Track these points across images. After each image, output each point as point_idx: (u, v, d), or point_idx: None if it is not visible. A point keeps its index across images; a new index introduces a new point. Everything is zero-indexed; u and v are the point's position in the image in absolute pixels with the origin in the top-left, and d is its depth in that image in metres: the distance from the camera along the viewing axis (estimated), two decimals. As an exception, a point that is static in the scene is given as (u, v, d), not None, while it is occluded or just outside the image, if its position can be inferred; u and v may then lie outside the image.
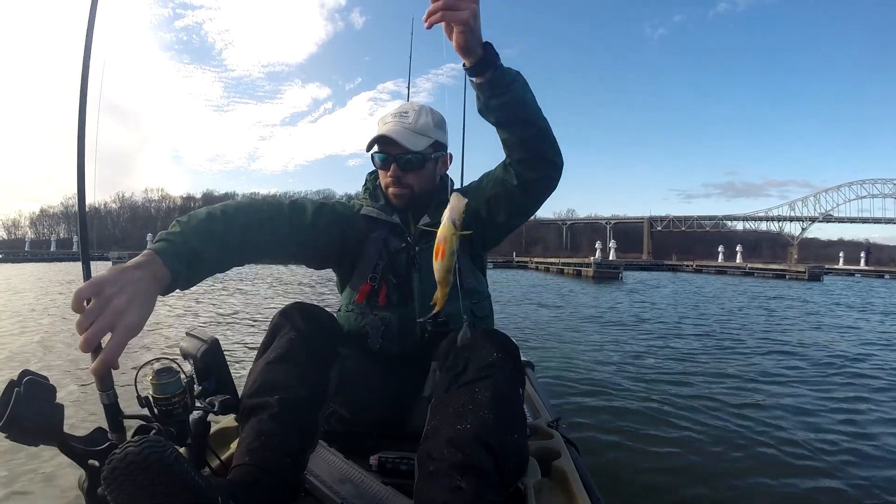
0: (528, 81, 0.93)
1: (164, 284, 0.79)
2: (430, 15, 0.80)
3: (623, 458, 2.28)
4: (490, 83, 0.89)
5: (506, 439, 0.80)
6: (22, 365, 3.66)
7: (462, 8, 0.79)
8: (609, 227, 66.52)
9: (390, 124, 1.11)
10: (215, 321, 6.34)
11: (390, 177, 1.12)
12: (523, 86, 0.92)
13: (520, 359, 0.96)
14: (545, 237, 68.44)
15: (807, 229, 63.29)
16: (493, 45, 0.86)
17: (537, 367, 2.63)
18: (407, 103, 1.16)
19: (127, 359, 2.67)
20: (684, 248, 57.64)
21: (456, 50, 0.84)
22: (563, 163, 1.03)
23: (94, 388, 0.78)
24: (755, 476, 2.14)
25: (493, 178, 1.11)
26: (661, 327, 6.65)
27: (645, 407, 3.05)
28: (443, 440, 0.79)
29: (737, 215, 66.94)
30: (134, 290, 0.71)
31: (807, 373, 4.08)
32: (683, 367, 4.19)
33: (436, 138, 1.14)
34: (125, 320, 0.68)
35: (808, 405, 3.18)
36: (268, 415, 0.82)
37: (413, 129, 1.10)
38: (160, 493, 0.60)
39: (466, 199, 0.84)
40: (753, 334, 6.15)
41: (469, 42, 0.83)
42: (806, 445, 2.46)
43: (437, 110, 1.17)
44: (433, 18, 0.79)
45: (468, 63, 0.87)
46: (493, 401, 0.82)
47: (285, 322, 0.97)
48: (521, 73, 0.92)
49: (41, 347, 4.36)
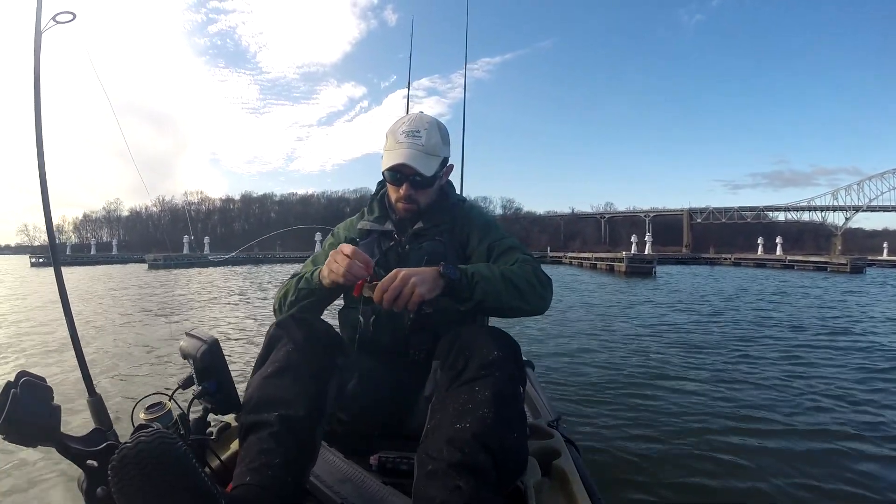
0: (495, 281, 1.00)
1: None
2: (385, 304, 0.91)
3: (623, 458, 2.28)
4: (453, 297, 0.98)
5: (505, 439, 0.80)
6: (22, 365, 3.65)
7: (407, 299, 0.90)
8: (648, 220, 64.58)
9: (404, 145, 1.13)
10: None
11: (402, 194, 1.17)
12: (483, 292, 0.98)
13: (521, 357, 0.95)
14: (583, 231, 67.36)
15: (850, 219, 59.34)
16: (450, 271, 0.96)
17: (537, 367, 2.63)
18: (417, 118, 1.17)
19: (120, 389, 2.63)
20: (725, 241, 55.32)
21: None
22: (547, 306, 1.09)
23: (93, 389, 0.79)
24: (755, 476, 2.14)
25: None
26: (667, 327, 6.65)
27: (645, 407, 3.05)
28: (442, 439, 0.79)
29: (779, 206, 63.70)
30: None
31: (810, 371, 4.08)
32: (684, 368, 4.19)
33: (443, 156, 1.19)
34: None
35: (809, 403, 3.18)
36: (267, 433, 0.82)
37: (425, 150, 1.13)
38: (168, 486, 0.60)
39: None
40: (763, 332, 6.15)
41: (434, 302, 0.95)
42: (813, 439, 2.46)
43: (445, 125, 1.21)
44: (392, 307, 0.92)
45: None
46: (493, 399, 0.82)
47: (282, 334, 0.97)
48: (483, 279, 0.99)
49: (42, 346, 4.36)
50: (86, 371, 1.20)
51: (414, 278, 0.91)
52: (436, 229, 1.19)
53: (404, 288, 0.90)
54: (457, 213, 1.23)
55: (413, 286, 0.90)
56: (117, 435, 0.92)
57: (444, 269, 0.95)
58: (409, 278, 0.91)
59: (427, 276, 0.93)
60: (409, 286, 0.90)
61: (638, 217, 67.07)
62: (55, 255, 0.98)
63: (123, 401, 2.76)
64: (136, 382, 3.27)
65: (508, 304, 1.02)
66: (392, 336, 1.16)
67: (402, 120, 1.18)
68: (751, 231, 53.06)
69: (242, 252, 32.17)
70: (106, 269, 22.96)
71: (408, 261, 1.15)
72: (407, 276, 0.91)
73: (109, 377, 3.38)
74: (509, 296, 1.01)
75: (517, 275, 1.04)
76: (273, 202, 74.16)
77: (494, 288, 0.99)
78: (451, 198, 1.26)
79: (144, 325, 5.72)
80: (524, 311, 1.05)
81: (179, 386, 0.96)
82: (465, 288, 0.97)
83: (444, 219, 1.21)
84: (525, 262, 1.10)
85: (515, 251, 1.15)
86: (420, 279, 0.91)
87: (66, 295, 1.22)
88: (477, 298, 0.98)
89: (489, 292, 0.99)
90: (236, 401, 0.94)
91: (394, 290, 0.90)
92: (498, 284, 1.00)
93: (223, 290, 11.29)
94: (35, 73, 1.02)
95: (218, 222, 68.62)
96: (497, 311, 1.02)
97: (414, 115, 1.18)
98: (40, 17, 1.13)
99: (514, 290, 1.02)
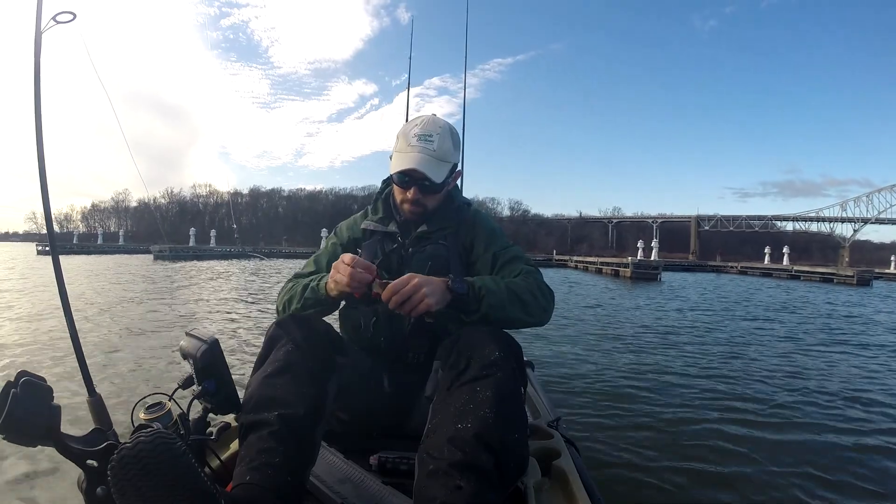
0: (501, 294, 1.02)
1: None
2: (392, 305, 0.94)
3: (623, 458, 2.28)
4: (460, 310, 1.00)
5: (506, 438, 0.80)
6: (24, 364, 3.65)
7: (415, 306, 0.92)
8: (656, 225, 64.64)
9: (416, 149, 1.11)
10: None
11: (410, 197, 1.15)
12: (489, 306, 1.00)
13: (522, 357, 0.96)
14: (591, 235, 67.02)
15: (858, 231, 58.90)
16: (459, 285, 0.98)
17: (537, 367, 2.63)
18: (431, 121, 1.15)
19: (120, 388, 2.63)
20: (732, 249, 54.99)
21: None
22: (549, 318, 1.11)
23: (93, 389, 0.79)
24: (755, 477, 2.14)
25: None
26: (667, 329, 6.65)
27: (645, 407, 3.05)
28: (443, 439, 0.79)
29: (787, 215, 63.47)
30: None
31: (811, 375, 4.08)
32: (684, 368, 4.19)
33: (454, 162, 1.17)
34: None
35: (810, 406, 3.18)
36: (268, 432, 0.82)
37: (437, 156, 1.12)
38: (167, 486, 0.61)
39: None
40: (755, 337, 6.15)
41: (435, 314, 0.97)
42: (819, 445, 2.46)
43: (456, 129, 1.20)
44: (399, 310, 0.94)
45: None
46: (494, 399, 0.82)
47: (282, 334, 0.97)
48: (489, 293, 1.00)
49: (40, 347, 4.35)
50: (86, 371, 1.20)
51: (425, 288, 0.93)
52: (440, 233, 1.18)
53: (414, 295, 0.92)
54: (462, 216, 1.23)
55: (423, 295, 0.92)
56: (117, 435, 0.92)
57: (452, 284, 0.98)
58: (421, 287, 0.93)
59: (437, 287, 0.95)
60: (420, 294, 0.92)
61: (645, 222, 66.89)
62: (55, 254, 0.98)
63: (123, 401, 2.76)
64: (136, 382, 3.27)
65: (513, 317, 1.03)
66: (392, 338, 1.16)
67: (415, 122, 1.16)
68: (758, 240, 52.80)
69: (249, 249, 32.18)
70: (111, 259, 23.05)
71: (410, 264, 1.15)
72: (419, 285, 0.93)
73: (109, 377, 3.38)
74: (514, 309, 1.03)
75: (522, 288, 1.05)
76: (281, 197, 74.22)
77: (500, 301, 1.01)
78: (457, 200, 1.25)
79: (145, 325, 5.72)
80: (527, 324, 1.07)
81: (179, 386, 0.96)
82: (472, 301, 0.99)
83: (449, 222, 1.20)
84: (529, 274, 1.11)
85: (519, 261, 1.16)
86: (430, 290, 0.93)
87: (66, 295, 1.22)
88: (483, 312, 0.99)
89: (495, 306, 1.00)
90: (236, 401, 0.94)
91: (403, 294, 0.93)
92: (503, 298, 1.01)
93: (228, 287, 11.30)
94: (35, 73, 1.02)
95: (225, 216, 68.75)
96: (501, 324, 1.02)
97: (427, 118, 1.17)
98: (40, 16, 1.13)
99: (519, 304, 1.03)
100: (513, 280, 1.08)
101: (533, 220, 71.98)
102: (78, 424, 2.13)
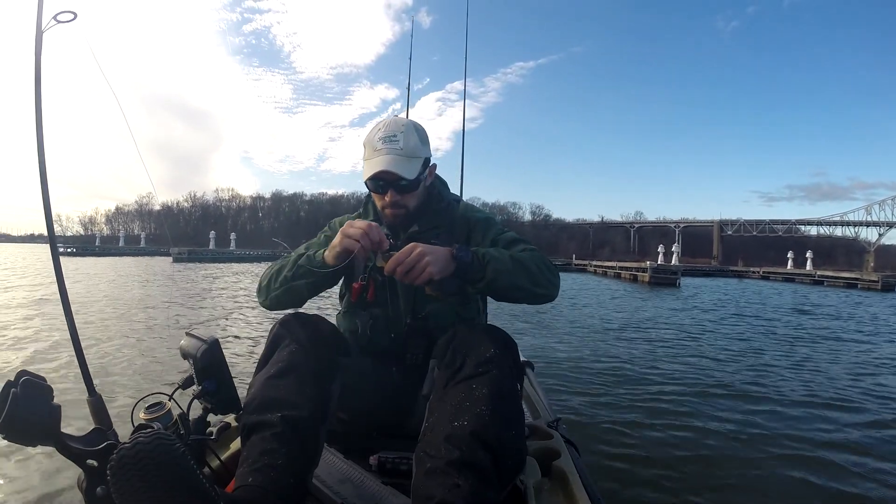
0: (506, 261, 1.00)
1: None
2: (397, 275, 0.93)
3: (623, 458, 2.28)
4: (464, 279, 0.98)
5: (503, 436, 0.80)
6: (25, 364, 3.65)
7: (418, 275, 0.91)
8: (678, 230, 64.32)
9: (382, 152, 1.09)
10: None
11: (388, 200, 1.14)
12: (495, 270, 0.98)
13: (518, 354, 0.96)
14: (613, 240, 67.12)
15: (884, 235, 57.71)
16: (463, 253, 0.96)
17: (537, 367, 2.62)
18: (392, 122, 1.14)
19: (122, 387, 2.63)
20: (755, 254, 54.44)
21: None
22: (556, 293, 1.09)
23: (94, 388, 0.79)
24: (755, 477, 2.14)
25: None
26: (674, 333, 6.64)
27: (645, 408, 3.05)
28: (440, 437, 0.79)
29: (810, 220, 62.86)
30: None
31: (818, 380, 4.08)
32: (684, 372, 4.19)
33: (424, 156, 1.15)
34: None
35: (812, 408, 3.17)
36: (271, 433, 0.81)
37: (405, 153, 1.10)
38: (165, 486, 0.61)
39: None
40: (764, 342, 6.14)
41: (436, 284, 0.96)
42: (809, 445, 2.45)
43: (422, 125, 1.18)
44: (402, 279, 0.93)
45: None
46: (490, 396, 0.82)
47: (286, 333, 0.96)
48: (493, 259, 0.99)
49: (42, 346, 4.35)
50: (86, 370, 1.20)
51: (428, 257, 0.92)
52: (433, 231, 1.17)
53: (418, 264, 0.91)
54: (454, 213, 1.22)
55: (426, 264, 0.91)
56: (117, 435, 0.92)
57: (456, 252, 0.96)
58: (424, 256, 0.92)
59: (440, 256, 0.94)
60: (423, 262, 0.91)
61: (667, 227, 66.72)
62: (55, 256, 0.98)
63: (123, 401, 2.76)
64: (136, 382, 3.27)
65: (519, 285, 1.00)
66: (390, 339, 1.16)
67: (378, 126, 1.14)
68: (782, 245, 51.94)
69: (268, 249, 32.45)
70: (132, 261, 23.26)
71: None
72: (422, 253, 0.92)
73: (109, 377, 3.38)
74: (520, 276, 1.00)
75: (527, 258, 1.04)
76: (303, 201, 74.81)
77: (506, 267, 0.99)
78: (446, 197, 1.24)
79: (146, 324, 5.72)
80: (535, 295, 1.04)
81: (179, 386, 0.96)
82: (476, 269, 0.97)
83: (441, 220, 1.19)
84: (532, 250, 1.10)
85: (520, 242, 1.14)
86: (434, 258, 0.92)
87: (67, 295, 1.22)
88: (489, 278, 0.97)
89: (501, 271, 0.98)
90: (236, 401, 0.94)
91: (407, 264, 0.92)
92: (509, 265, 0.99)
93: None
94: (36, 72, 1.02)
95: (248, 219, 68.78)
96: (509, 292, 1.01)
97: (389, 120, 1.15)
98: (41, 16, 1.13)
99: (525, 272, 1.01)
100: (517, 252, 1.07)
101: (555, 224, 72.14)
102: (78, 424, 2.13)
